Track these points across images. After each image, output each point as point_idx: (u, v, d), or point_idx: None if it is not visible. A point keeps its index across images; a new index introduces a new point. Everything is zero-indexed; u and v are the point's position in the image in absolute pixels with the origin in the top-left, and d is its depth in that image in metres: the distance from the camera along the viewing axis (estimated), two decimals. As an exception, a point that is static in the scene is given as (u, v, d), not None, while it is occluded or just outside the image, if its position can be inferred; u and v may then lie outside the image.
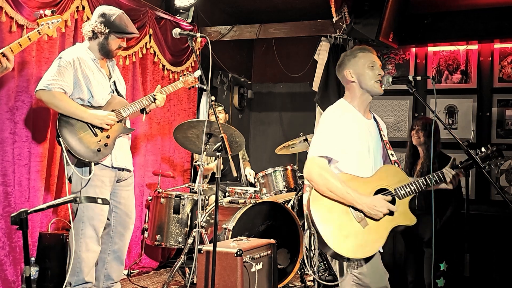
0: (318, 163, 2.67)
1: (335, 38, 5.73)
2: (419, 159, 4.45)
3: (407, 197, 2.71)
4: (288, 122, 7.76)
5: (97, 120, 3.56)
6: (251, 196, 4.77)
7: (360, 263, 2.63)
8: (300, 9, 6.40)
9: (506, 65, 5.60)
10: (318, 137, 2.75)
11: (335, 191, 2.61)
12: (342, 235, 2.59)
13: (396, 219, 2.66)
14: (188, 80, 4.14)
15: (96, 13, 3.72)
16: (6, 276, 3.78)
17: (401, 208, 2.68)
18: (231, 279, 3.28)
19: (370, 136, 2.83)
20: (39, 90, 3.49)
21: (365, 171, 2.73)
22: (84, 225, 3.59)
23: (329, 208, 2.63)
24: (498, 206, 5.28)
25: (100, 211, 3.64)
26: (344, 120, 2.75)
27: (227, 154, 3.11)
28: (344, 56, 2.92)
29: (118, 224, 3.85)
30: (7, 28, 3.74)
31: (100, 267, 3.84)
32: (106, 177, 3.67)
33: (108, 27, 3.64)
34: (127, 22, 3.74)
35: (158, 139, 5.49)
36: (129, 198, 3.93)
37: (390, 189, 2.70)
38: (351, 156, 2.73)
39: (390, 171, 2.76)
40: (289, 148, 5.27)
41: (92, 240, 3.61)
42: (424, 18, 5.72)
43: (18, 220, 2.23)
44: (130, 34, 3.77)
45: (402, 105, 5.98)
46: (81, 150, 3.51)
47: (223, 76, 7.30)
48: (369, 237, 2.61)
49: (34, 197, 4.00)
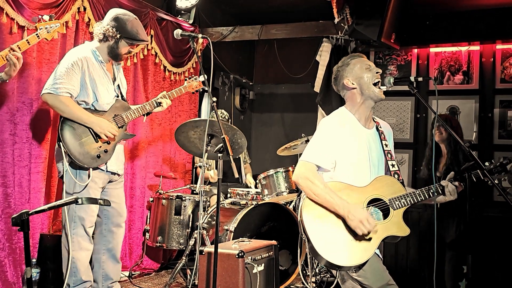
0: (306, 167, 2.70)
1: (337, 39, 5.72)
2: (441, 157, 4.43)
3: (401, 208, 2.68)
4: (289, 123, 7.75)
5: (98, 128, 3.55)
6: (253, 198, 4.77)
7: (359, 267, 2.62)
8: (302, 10, 6.40)
9: (508, 66, 5.58)
10: (311, 144, 2.77)
11: (319, 195, 2.62)
12: (334, 244, 2.58)
13: (390, 229, 2.64)
14: (193, 84, 4.13)
15: (109, 15, 3.67)
16: (6, 278, 3.77)
17: (395, 218, 2.66)
18: (232, 281, 3.27)
19: (369, 147, 2.80)
20: (46, 94, 3.46)
21: (363, 182, 2.71)
22: (75, 224, 3.58)
23: (320, 216, 2.63)
24: (500, 207, 5.26)
25: (91, 212, 3.65)
26: (340, 132, 2.75)
27: (228, 156, 3.10)
28: (337, 68, 2.91)
29: (110, 222, 3.84)
30: (7, 30, 3.73)
31: (97, 268, 3.83)
32: (100, 180, 3.67)
33: (120, 32, 3.61)
34: (139, 29, 3.70)
35: (160, 140, 5.49)
36: (120, 196, 3.92)
37: (385, 199, 2.68)
38: (347, 167, 2.73)
39: (385, 181, 2.73)
40: (291, 149, 5.26)
41: (84, 239, 3.61)
42: (426, 19, 5.71)
43: (19, 221, 2.23)
44: (140, 42, 3.75)
45: (404, 106, 5.96)
46: (80, 156, 3.49)
47: (225, 77, 7.29)
48: (360, 246, 2.59)
49: (35, 198, 3.99)
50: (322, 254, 2.56)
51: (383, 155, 2.84)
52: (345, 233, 2.60)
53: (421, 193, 2.70)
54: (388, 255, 2.81)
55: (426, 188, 2.71)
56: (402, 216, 2.67)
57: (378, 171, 2.80)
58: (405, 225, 2.66)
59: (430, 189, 2.70)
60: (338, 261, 2.56)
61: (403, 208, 2.68)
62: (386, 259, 2.84)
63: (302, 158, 2.75)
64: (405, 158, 5.89)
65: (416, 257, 4.65)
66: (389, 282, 2.63)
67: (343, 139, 2.74)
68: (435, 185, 2.69)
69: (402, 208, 2.68)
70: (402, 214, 2.67)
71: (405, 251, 4.81)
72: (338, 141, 2.73)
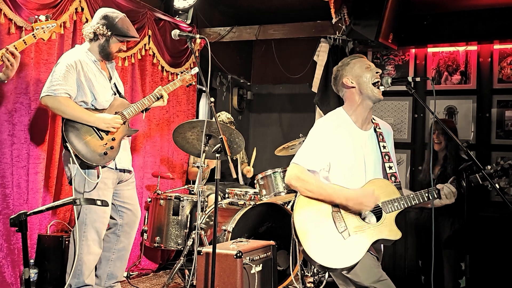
0: (297, 168, 2.72)
1: (334, 39, 5.73)
2: (436, 160, 4.40)
3: (394, 212, 2.68)
4: (287, 123, 7.75)
5: (103, 124, 3.57)
6: (251, 198, 4.77)
7: (350, 268, 2.61)
8: (300, 10, 6.40)
9: (506, 66, 5.59)
10: (304, 146, 2.78)
11: (312, 189, 2.64)
12: (324, 247, 2.59)
13: (381, 232, 2.64)
14: (186, 78, 4.17)
15: (98, 14, 3.71)
16: (4, 279, 3.77)
17: (387, 221, 2.65)
18: (230, 281, 3.27)
19: (365, 149, 2.80)
20: (45, 96, 3.47)
21: (358, 184, 2.71)
22: (86, 227, 3.59)
23: (311, 218, 2.64)
24: (497, 207, 5.27)
25: (103, 213, 3.65)
26: (334, 134, 2.75)
27: (226, 156, 3.11)
28: (337, 68, 2.91)
29: (125, 223, 3.89)
30: (5, 30, 3.73)
31: (104, 265, 3.85)
32: (110, 179, 3.69)
33: (110, 30, 3.64)
34: (129, 26, 3.75)
35: (157, 140, 5.48)
36: (133, 197, 3.96)
37: (378, 202, 2.67)
38: (341, 170, 2.73)
39: (379, 184, 2.72)
40: (289, 150, 5.26)
41: (94, 243, 3.62)
42: (424, 19, 5.72)
43: (18, 222, 2.23)
44: (131, 38, 3.79)
45: (401, 106, 5.97)
46: (87, 154, 3.50)
47: (223, 77, 7.29)
48: (351, 248, 2.59)
49: (33, 199, 3.99)
50: (313, 257, 2.57)
51: (380, 157, 2.83)
52: (336, 235, 2.60)
53: (415, 197, 2.69)
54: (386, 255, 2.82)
55: (421, 191, 2.70)
56: (397, 218, 2.67)
57: (375, 174, 2.79)
58: (397, 228, 2.65)
59: (425, 192, 2.69)
60: (329, 263, 2.57)
61: (396, 211, 2.67)
62: (384, 259, 2.83)
63: (293, 160, 2.77)
64: (403, 158, 5.89)
65: (414, 257, 4.66)
66: (381, 278, 2.61)
67: (337, 141, 2.74)
68: (432, 188, 2.69)
69: (394, 212, 2.67)
70: (394, 217, 2.67)
71: (403, 251, 4.82)
72: (332, 144, 2.73)
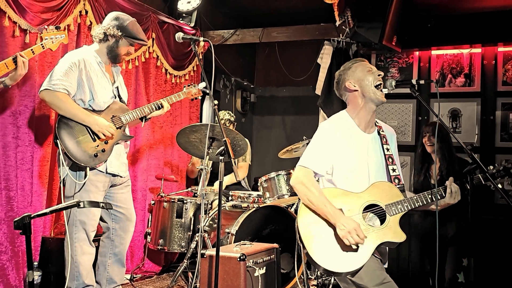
0: (304, 172, 2.72)
1: (338, 41, 5.73)
2: (432, 164, 4.37)
3: (398, 214, 2.67)
4: (291, 126, 7.75)
5: (96, 127, 3.56)
6: (254, 200, 4.76)
7: (354, 272, 2.61)
8: (303, 13, 6.40)
9: (510, 69, 5.58)
10: (308, 148, 2.79)
11: (313, 201, 2.64)
12: (329, 251, 2.59)
13: (385, 235, 2.63)
14: (192, 91, 4.16)
15: (109, 16, 3.76)
16: (8, 281, 3.77)
17: (392, 224, 2.65)
18: (234, 284, 3.26)
19: (369, 152, 2.80)
20: (43, 90, 3.49)
21: (361, 187, 2.71)
22: (77, 229, 3.59)
23: (315, 222, 2.64)
24: (502, 210, 5.26)
25: (93, 216, 3.65)
26: (338, 137, 2.75)
27: (230, 158, 3.10)
28: (339, 73, 2.92)
29: (119, 227, 3.85)
30: (10, 33, 3.74)
31: (102, 271, 3.84)
32: (100, 182, 3.67)
33: (121, 31, 3.66)
34: (139, 29, 3.79)
35: (161, 143, 5.49)
36: (127, 201, 3.92)
37: (381, 205, 2.67)
38: (344, 172, 2.73)
39: (382, 187, 2.72)
40: (292, 152, 5.25)
41: (85, 243, 3.62)
42: (428, 22, 5.71)
43: (22, 224, 2.24)
44: (141, 41, 3.80)
45: (405, 108, 5.96)
46: (77, 154, 3.50)
47: (226, 80, 7.30)
48: (356, 252, 2.58)
49: (37, 201, 3.99)
50: (318, 261, 2.58)
51: (384, 159, 2.83)
52: (340, 239, 2.59)
53: (419, 199, 2.69)
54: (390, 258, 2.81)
55: (424, 193, 2.70)
56: (401, 221, 2.66)
57: (379, 176, 2.78)
58: (401, 231, 2.64)
59: (429, 194, 2.69)
60: (334, 267, 2.57)
61: (400, 214, 2.67)
62: (388, 262, 2.82)
63: (299, 163, 2.76)
64: (406, 160, 5.89)
65: (418, 260, 4.64)
66: (384, 280, 2.61)
67: (340, 144, 2.74)
68: (436, 189, 2.68)
69: (399, 214, 2.67)
70: (399, 220, 2.66)
71: (406, 255, 4.80)
72: (335, 147, 2.73)
